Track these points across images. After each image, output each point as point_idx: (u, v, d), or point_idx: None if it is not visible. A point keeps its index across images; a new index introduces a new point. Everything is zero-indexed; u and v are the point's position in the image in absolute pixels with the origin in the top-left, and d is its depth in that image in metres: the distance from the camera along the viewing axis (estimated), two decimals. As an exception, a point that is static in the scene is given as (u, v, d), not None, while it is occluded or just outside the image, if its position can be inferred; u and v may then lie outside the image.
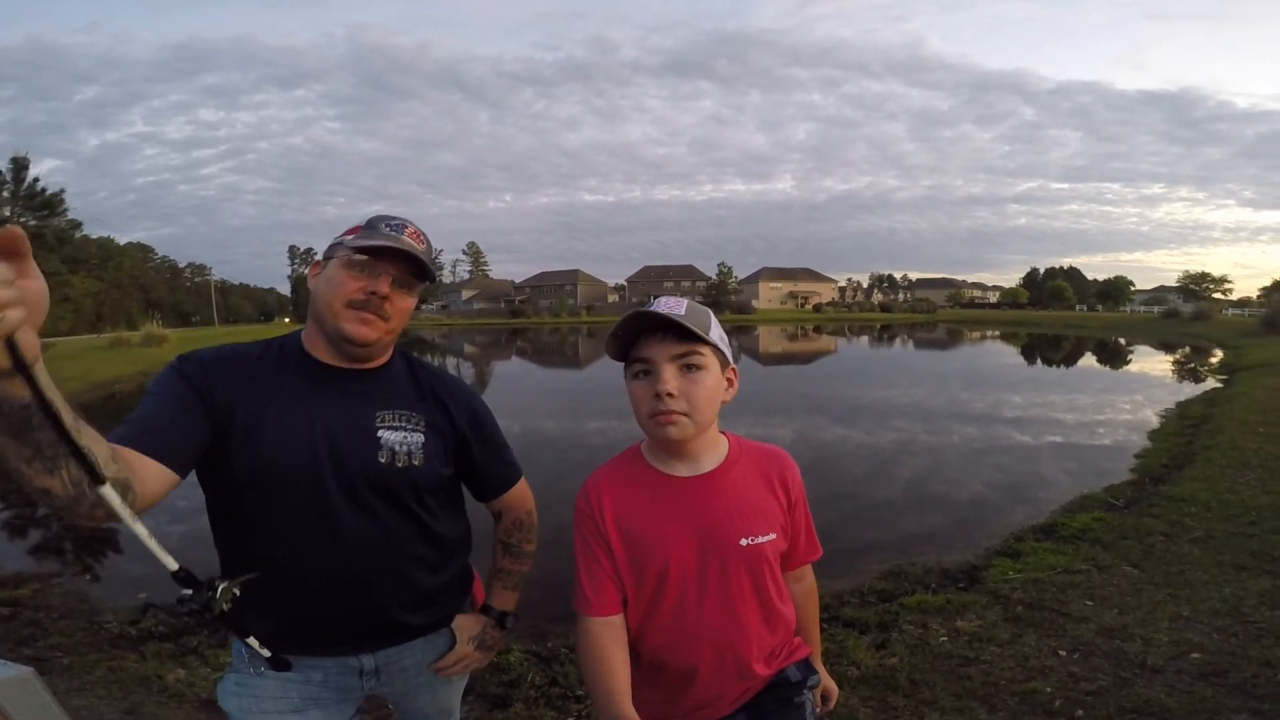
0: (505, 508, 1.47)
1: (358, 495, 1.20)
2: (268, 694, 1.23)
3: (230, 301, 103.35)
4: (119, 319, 41.34)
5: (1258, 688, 2.50)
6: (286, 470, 1.16)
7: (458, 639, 1.36)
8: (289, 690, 1.24)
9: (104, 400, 14.10)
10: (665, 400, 1.08)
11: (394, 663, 1.32)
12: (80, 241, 46.62)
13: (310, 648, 1.24)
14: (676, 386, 1.09)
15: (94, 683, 2.89)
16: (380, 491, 1.22)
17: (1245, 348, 20.07)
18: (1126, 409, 10.51)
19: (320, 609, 1.22)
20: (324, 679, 1.27)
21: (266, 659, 1.11)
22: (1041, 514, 5.18)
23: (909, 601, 3.53)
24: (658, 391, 1.08)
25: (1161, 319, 44.78)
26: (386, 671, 1.32)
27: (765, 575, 1.17)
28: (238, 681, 1.25)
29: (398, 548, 1.25)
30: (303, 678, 1.25)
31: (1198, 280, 77.06)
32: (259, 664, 1.19)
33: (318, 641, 1.25)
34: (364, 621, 1.26)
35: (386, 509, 1.23)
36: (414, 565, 1.28)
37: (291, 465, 1.16)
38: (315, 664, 1.26)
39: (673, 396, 1.08)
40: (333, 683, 1.28)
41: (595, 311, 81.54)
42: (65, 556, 4.97)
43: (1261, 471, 5.65)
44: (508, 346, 32.88)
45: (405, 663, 1.34)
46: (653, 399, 1.09)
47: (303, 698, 1.25)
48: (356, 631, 1.26)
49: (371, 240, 1.20)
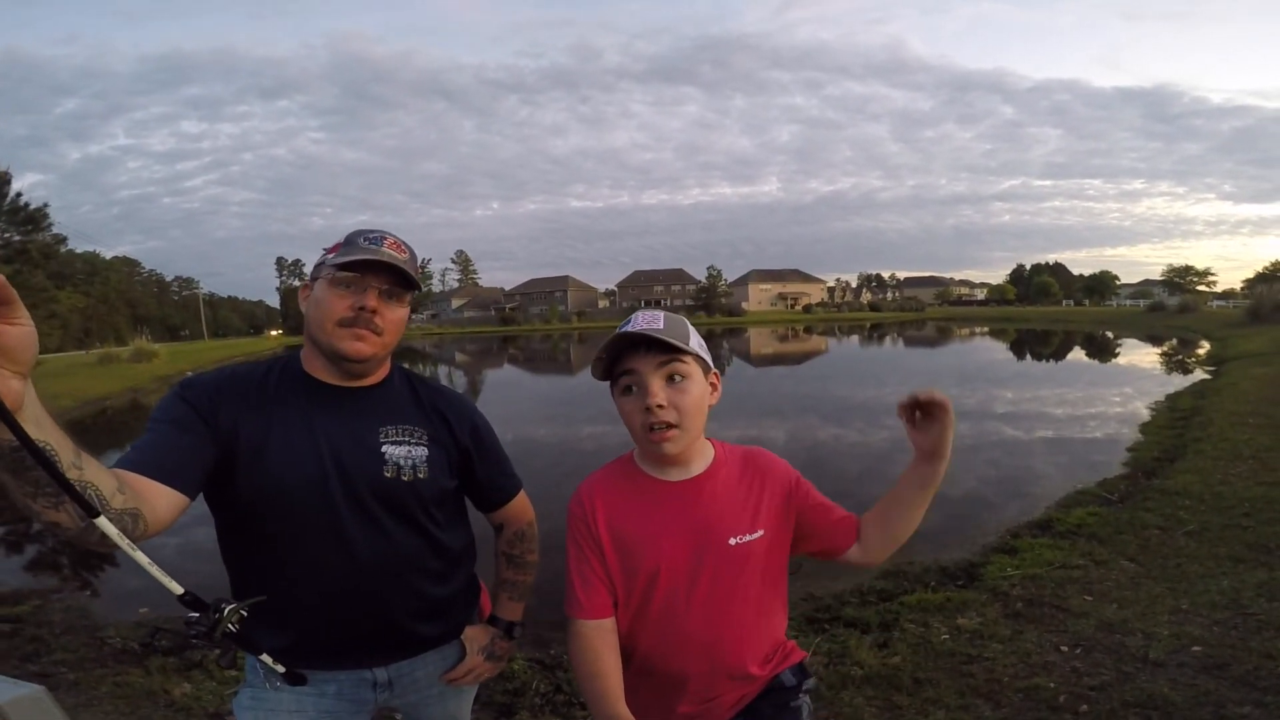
0: (506, 519, 1.49)
1: (366, 510, 1.21)
2: (283, 707, 1.23)
3: (219, 315, 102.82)
4: (107, 334, 40.95)
5: (1260, 680, 2.51)
6: (294, 489, 1.17)
7: (468, 650, 1.38)
8: (304, 703, 1.25)
9: (95, 417, 13.99)
10: (656, 412, 1.11)
11: (406, 675, 1.33)
12: (65, 256, 46.18)
13: (324, 661, 1.25)
14: (665, 397, 1.12)
15: (101, 698, 2.87)
16: (387, 506, 1.23)
17: (1231, 339, 20.24)
18: (1116, 402, 10.59)
19: (333, 624, 1.23)
20: (338, 691, 1.28)
21: (281, 674, 1.13)
22: (1036, 509, 5.21)
23: (909, 600, 3.54)
24: (647, 405, 1.11)
25: (1148, 312, 45.22)
26: (399, 684, 1.33)
27: (756, 574, 1.19)
28: (253, 695, 1.25)
29: (407, 561, 1.26)
30: (317, 691, 1.25)
31: (1182, 273, 77.73)
32: (274, 678, 1.20)
33: (331, 655, 1.25)
34: (376, 635, 1.26)
35: (394, 523, 1.24)
36: (423, 577, 1.29)
37: (299, 484, 1.17)
38: (329, 677, 1.27)
39: (663, 408, 1.11)
40: (347, 695, 1.29)
41: (586, 317, 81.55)
42: (64, 572, 4.96)
43: (1253, 463, 5.69)
44: (499, 354, 32.82)
45: (417, 674, 1.35)
46: (643, 412, 1.12)
47: (318, 710, 1.26)
48: (369, 645, 1.27)
49: (352, 255, 1.20)
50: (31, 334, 0.73)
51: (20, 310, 0.71)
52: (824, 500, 1.26)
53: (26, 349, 0.72)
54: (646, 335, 1.11)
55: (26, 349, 0.72)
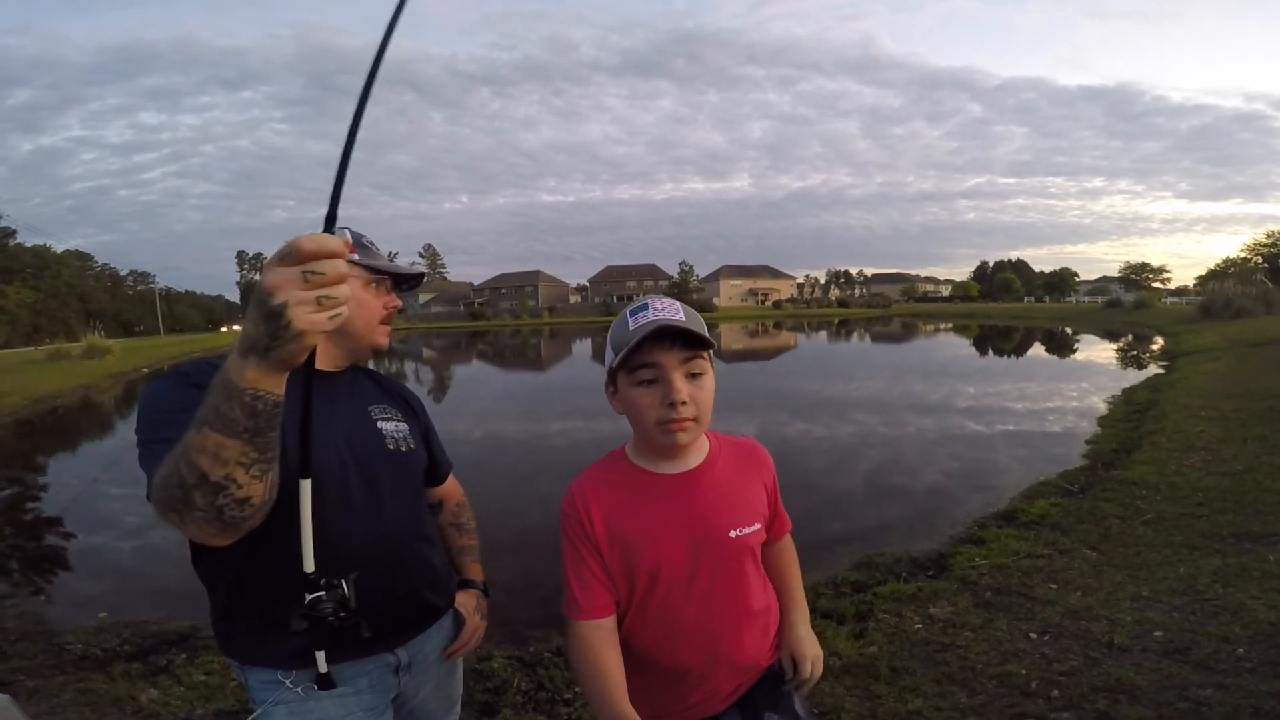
0: (447, 494, 1.61)
1: (380, 484, 1.25)
2: (329, 715, 1.17)
3: (176, 310, 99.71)
4: (57, 330, 39.68)
5: (1220, 663, 2.61)
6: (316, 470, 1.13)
7: (466, 614, 1.45)
8: (348, 705, 1.20)
9: (44, 416, 13.51)
10: (679, 409, 1.09)
11: (418, 653, 1.33)
12: (14, 250, 44.61)
13: (353, 651, 1.19)
14: (688, 393, 1.10)
15: (64, 705, 2.79)
16: (395, 477, 1.29)
17: (1184, 334, 20.95)
18: (1075, 396, 10.86)
19: (364, 602, 1.14)
20: (370, 684, 1.24)
21: (318, 676, 1.06)
22: (1000, 501, 5.33)
23: (882, 591, 3.60)
24: (671, 400, 1.09)
25: (1105, 308, 46.51)
26: (415, 664, 1.33)
27: (750, 567, 1.20)
28: (291, 711, 1.16)
29: (415, 529, 1.33)
30: (353, 689, 1.21)
31: (1138, 270, 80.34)
32: (301, 684, 1.14)
33: (365, 641, 1.17)
34: (402, 608, 1.27)
35: (402, 493, 1.30)
36: (427, 545, 1.36)
37: (318, 465, 1.12)
38: (360, 670, 1.22)
39: (686, 404, 1.09)
40: (377, 687, 1.25)
41: (557, 313, 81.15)
42: (14, 577, 4.79)
43: (1205, 454, 5.91)
44: (468, 350, 32.48)
45: (426, 650, 1.35)
46: (664, 407, 1.10)
47: (362, 709, 1.21)
48: (395, 621, 1.26)
49: (376, 262, 1.30)
50: None
51: None
52: (778, 501, 1.30)
53: None
54: (673, 326, 1.08)
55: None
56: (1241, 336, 17.29)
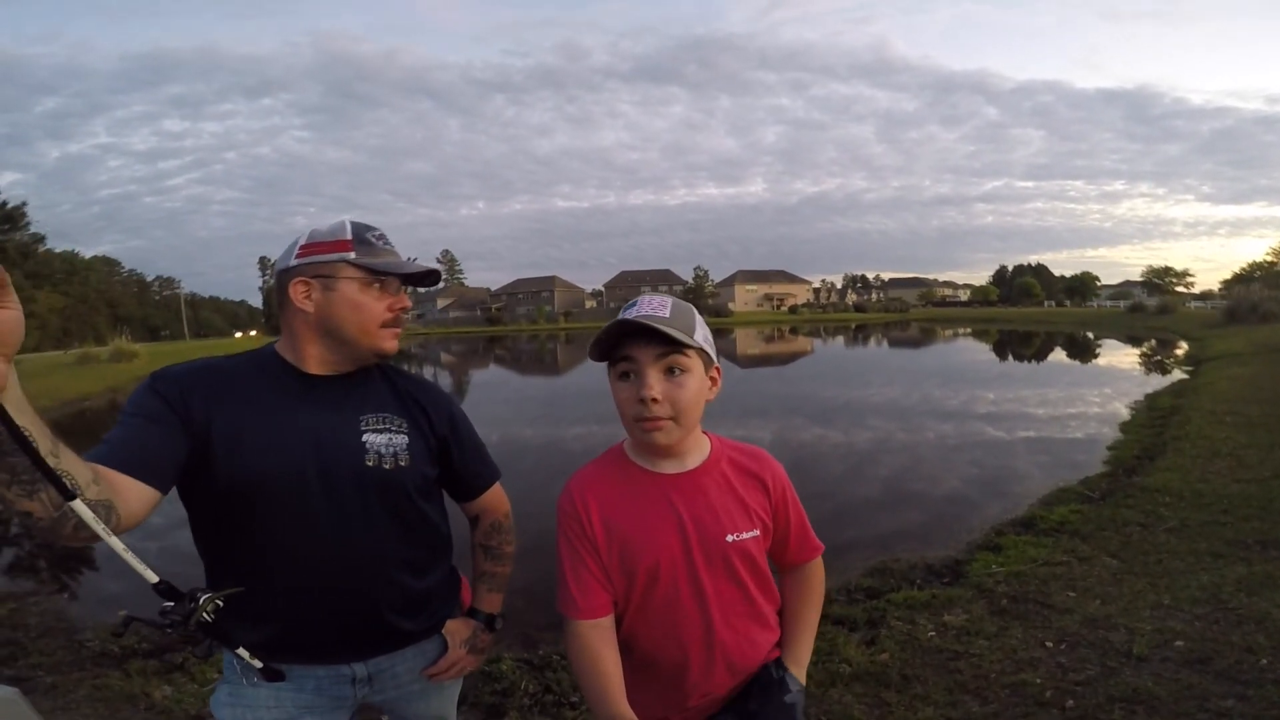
0: (483, 510, 1.49)
1: (346, 501, 1.20)
2: (261, 703, 1.23)
3: (201, 315, 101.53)
4: (86, 334, 40.43)
5: (1242, 674, 2.55)
6: (271, 479, 1.15)
7: (450, 644, 1.38)
8: (282, 700, 1.24)
9: (73, 418, 13.76)
10: (650, 406, 1.08)
11: (386, 670, 1.32)
12: (44, 256, 45.57)
13: (302, 656, 1.24)
14: (661, 391, 1.08)
15: (79, 701, 2.83)
16: (368, 495, 1.22)
17: (1209, 339, 20.56)
18: (1097, 402, 10.70)
19: (312, 618, 1.21)
20: (316, 687, 1.27)
21: (258, 669, 1.13)
22: (1019, 507, 5.25)
23: (895, 598, 3.56)
24: (642, 396, 1.08)
25: (1127, 313, 45.70)
26: (379, 679, 1.32)
27: (750, 571, 1.18)
28: (231, 692, 1.24)
29: (387, 552, 1.25)
30: (295, 686, 1.25)
31: (1161, 274, 79.07)
32: (251, 674, 1.19)
33: (310, 650, 1.24)
34: (356, 629, 1.25)
35: (375, 513, 1.23)
36: (403, 569, 1.28)
37: (276, 474, 1.16)
38: (308, 673, 1.26)
39: (657, 402, 1.08)
40: (326, 691, 1.28)
41: (573, 318, 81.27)
42: (41, 575, 4.90)
43: (1231, 460, 5.78)
44: (486, 355, 32.66)
45: (398, 669, 1.34)
46: (637, 404, 1.09)
47: (297, 706, 1.25)
48: (349, 639, 1.26)
49: (382, 261, 1.24)
50: (19, 318, 0.75)
51: (10, 295, 0.73)
52: (802, 520, 1.26)
53: (13, 333, 0.74)
54: (647, 325, 1.07)
55: (13, 333, 0.74)
56: (1268, 341, 16.89)
